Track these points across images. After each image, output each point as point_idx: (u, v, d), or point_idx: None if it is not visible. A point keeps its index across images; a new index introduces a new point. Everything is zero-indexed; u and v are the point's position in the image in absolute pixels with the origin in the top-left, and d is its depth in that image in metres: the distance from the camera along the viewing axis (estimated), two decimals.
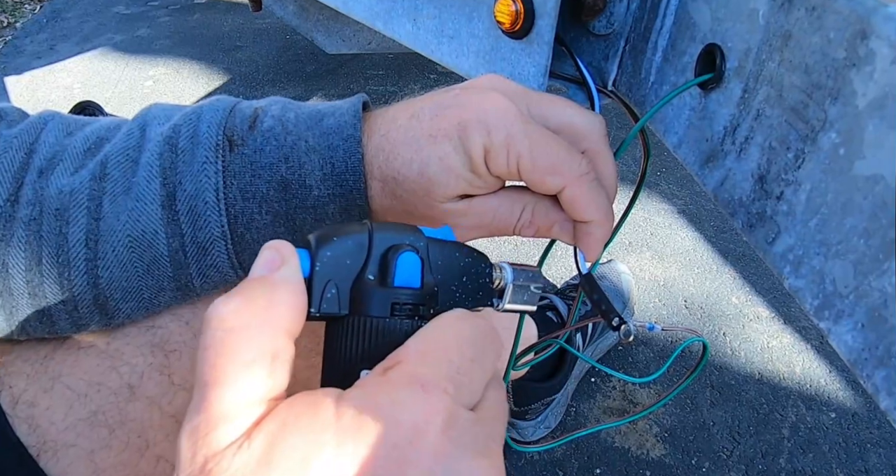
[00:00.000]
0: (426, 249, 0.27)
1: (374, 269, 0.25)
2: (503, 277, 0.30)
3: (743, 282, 1.10)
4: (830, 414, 0.91)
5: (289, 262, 0.24)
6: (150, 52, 1.84)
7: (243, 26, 1.95)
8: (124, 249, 0.35)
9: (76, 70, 1.76)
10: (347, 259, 0.25)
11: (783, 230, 0.29)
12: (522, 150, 0.32)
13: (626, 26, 0.41)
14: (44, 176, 0.35)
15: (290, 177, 0.35)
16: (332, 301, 0.25)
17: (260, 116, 0.36)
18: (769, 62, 0.29)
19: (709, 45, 0.33)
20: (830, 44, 0.25)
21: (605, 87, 0.44)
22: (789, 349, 0.99)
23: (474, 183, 0.34)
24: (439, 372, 0.22)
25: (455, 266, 0.28)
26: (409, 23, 0.53)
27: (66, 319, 0.36)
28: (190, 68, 1.75)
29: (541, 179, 0.32)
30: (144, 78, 1.72)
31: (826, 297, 0.26)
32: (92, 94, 1.63)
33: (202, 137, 0.35)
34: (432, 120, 0.33)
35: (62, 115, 0.39)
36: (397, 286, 0.25)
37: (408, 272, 0.26)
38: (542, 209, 0.35)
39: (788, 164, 0.28)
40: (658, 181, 1.30)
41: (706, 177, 0.36)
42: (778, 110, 0.29)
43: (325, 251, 0.25)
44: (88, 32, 1.96)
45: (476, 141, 0.32)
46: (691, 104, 0.36)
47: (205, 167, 0.34)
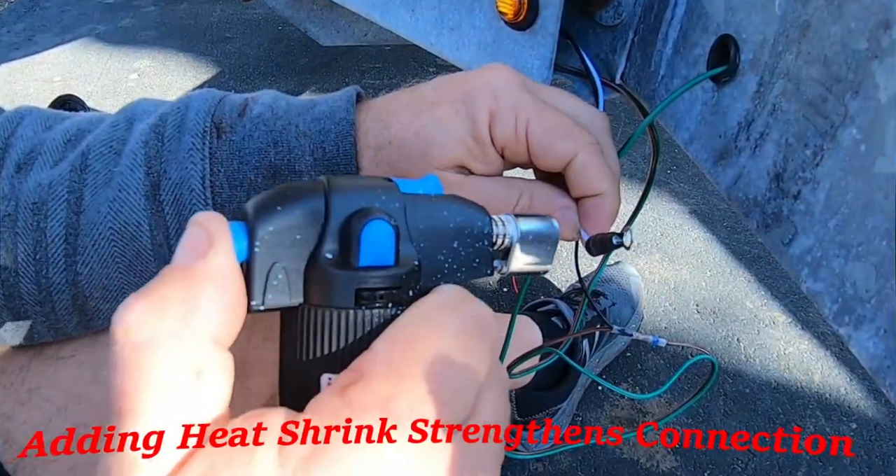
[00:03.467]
0: (402, 211, 0.22)
1: (332, 244, 0.20)
2: (507, 233, 0.24)
3: (758, 285, 1.09)
4: (851, 425, 0.91)
5: (217, 244, 0.19)
6: (134, 43, 1.84)
7: (233, 17, 1.95)
8: (105, 243, 0.34)
9: (56, 62, 1.76)
10: (297, 233, 0.20)
11: (800, 231, 0.29)
12: (532, 115, 0.31)
13: (634, 17, 0.41)
14: (22, 171, 0.35)
15: (280, 162, 0.35)
16: (280, 290, 0.20)
17: (250, 104, 0.37)
18: (786, 54, 0.29)
19: (722, 36, 0.33)
20: (851, 34, 0.25)
21: (612, 80, 0.44)
22: (807, 356, 0.99)
23: (474, 152, 0.33)
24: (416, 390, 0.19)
25: (442, 228, 0.23)
26: (407, 13, 0.53)
27: (42, 323, 0.36)
28: (177, 61, 1.75)
29: (550, 145, 0.31)
30: (129, 71, 1.72)
31: (846, 301, 0.26)
32: (73, 88, 1.63)
33: (189, 124, 0.35)
34: (435, 90, 0.34)
35: (40, 110, 0.39)
36: (363, 266, 0.20)
37: (377, 247, 0.21)
38: (542, 194, 0.34)
39: (806, 162, 0.28)
40: (668, 179, 1.30)
41: (719, 175, 0.35)
42: (795, 105, 0.29)
43: (266, 225, 0.20)
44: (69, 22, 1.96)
45: (481, 104, 0.32)
46: (703, 98, 0.36)
47: (191, 154, 0.34)
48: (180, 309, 0.18)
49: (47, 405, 0.36)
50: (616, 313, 0.96)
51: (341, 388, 0.19)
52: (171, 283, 0.19)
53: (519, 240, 0.25)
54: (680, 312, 1.06)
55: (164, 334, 0.18)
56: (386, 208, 0.21)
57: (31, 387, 0.37)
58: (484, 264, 0.24)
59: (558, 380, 0.89)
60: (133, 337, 0.18)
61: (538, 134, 0.32)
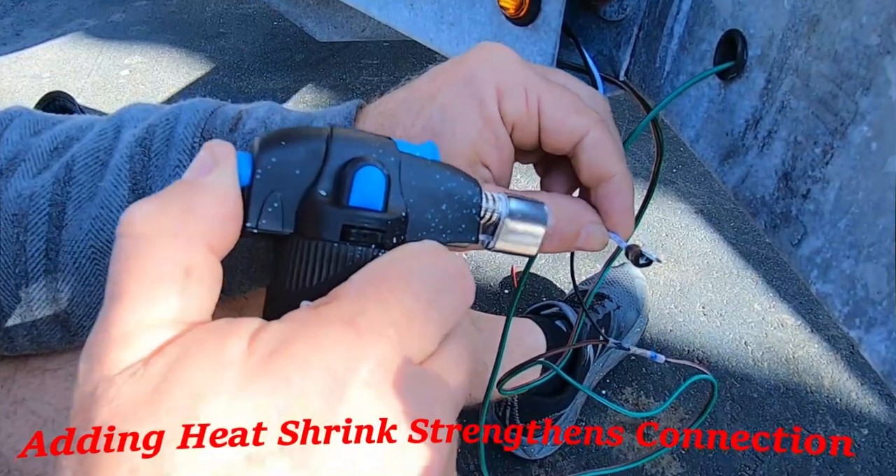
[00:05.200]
0: (397, 166, 0.24)
1: (327, 183, 0.23)
2: (496, 209, 0.27)
3: (766, 287, 1.10)
4: (863, 430, 0.91)
5: (222, 165, 0.22)
6: (125, 38, 1.84)
7: (227, 11, 1.95)
8: (87, 261, 0.34)
9: (45, 58, 1.76)
10: (297, 168, 0.23)
11: (810, 231, 0.29)
12: (542, 89, 0.31)
13: (639, 11, 0.41)
14: (3, 177, 0.35)
15: None
16: (274, 216, 0.23)
17: (243, 118, 0.36)
18: (795, 49, 0.29)
19: (729, 31, 0.33)
20: (862, 29, 0.25)
21: (616, 77, 0.44)
22: (817, 360, 0.99)
23: (485, 135, 0.31)
24: (382, 313, 0.20)
25: (433, 189, 0.25)
26: (405, 8, 0.53)
27: (24, 336, 0.36)
28: (169, 57, 1.75)
29: (562, 120, 0.31)
30: (119, 67, 1.72)
31: (857, 303, 0.26)
32: (62, 84, 1.63)
33: (177, 139, 0.35)
34: (432, 81, 0.33)
35: (31, 112, 0.39)
36: (353, 206, 0.23)
37: (368, 190, 0.23)
38: (567, 209, 0.32)
39: (816, 160, 0.28)
40: (674, 179, 1.30)
41: (726, 174, 0.35)
42: (804, 102, 0.29)
43: (269, 156, 0.23)
44: (58, 17, 1.96)
45: (487, 81, 0.31)
46: (710, 95, 0.36)
47: (177, 171, 0.34)
48: (180, 211, 0.21)
49: (34, 418, 0.36)
50: (620, 317, 0.96)
51: (315, 304, 0.21)
52: (175, 191, 0.21)
53: (508, 216, 0.27)
54: (686, 315, 1.06)
55: (163, 231, 0.20)
56: (381, 159, 0.24)
57: (17, 399, 0.37)
58: (469, 231, 0.26)
59: (561, 386, 0.89)
60: (135, 230, 0.20)
61: (550, 108, 0.31)
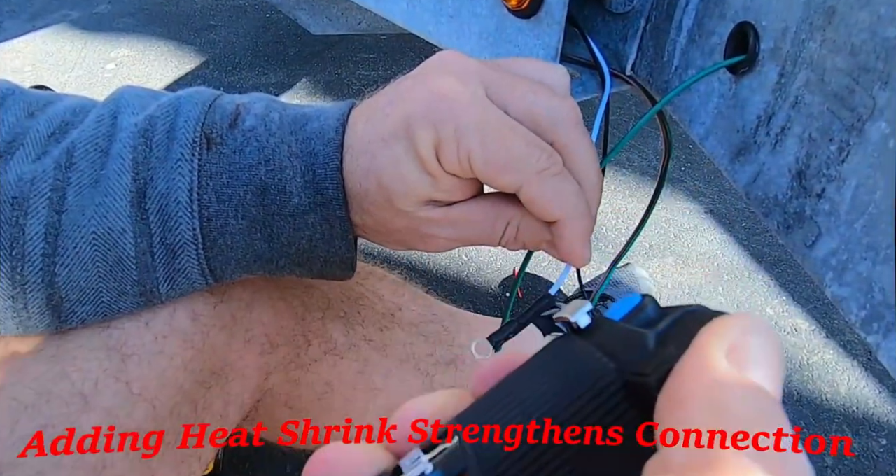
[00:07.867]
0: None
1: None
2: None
3: (779, 290, 1.09)
4: (881, 440, 0.91)
5: None
6: (111, 31, 1.84)
7: (218, 3, 1.95)
8: (87, 246, 0.36)
9: (26, 51, 1.76)
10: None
11: (825, 232, 0.29)
12: (473, 144, 0.32)
13: (646, 3, 0.41)
14: (2, 159, 0.36)
15: (270, 181, 0.36)
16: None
17: (242, 114, 0.37)
18: (809, 42, 0.29)
19: (740, 23, 0.33)
20: (881, 21, 0.25)
21: (622, 71, 0.44)
22: (832, 366, 0.99)
23: (435, 185, 0.34)
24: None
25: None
26: (403, 0, 0.53)
27: (12, 318, 0.37)
28: (157, 50, 1.75)
29: (494, 178, 0.32)
30: (105, 60, 1.72)
31: (874, 307, 0.26)
32: (45, 79, 1.63)
33: (178, 132, 0.36)
34: (384, 120, 0.34)
35: (23, 91, 0.41)
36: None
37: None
38: (530, 227, 0.35)
39: (831, 158, 0.28)
40: (682, 177, 1.30)
41: (737, 172, 0.35)
42: (819, 97, 0.29)
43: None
44: (40, 8, 1.96)
45: (424, 138, 0.32)
46: (720, 90, 0.36)
47: (179, 165, 0.36)
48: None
49: (14, 404, 0.36)
50: None
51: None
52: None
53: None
54: None
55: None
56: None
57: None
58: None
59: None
60: None
61: (480, 168, 0.32)
